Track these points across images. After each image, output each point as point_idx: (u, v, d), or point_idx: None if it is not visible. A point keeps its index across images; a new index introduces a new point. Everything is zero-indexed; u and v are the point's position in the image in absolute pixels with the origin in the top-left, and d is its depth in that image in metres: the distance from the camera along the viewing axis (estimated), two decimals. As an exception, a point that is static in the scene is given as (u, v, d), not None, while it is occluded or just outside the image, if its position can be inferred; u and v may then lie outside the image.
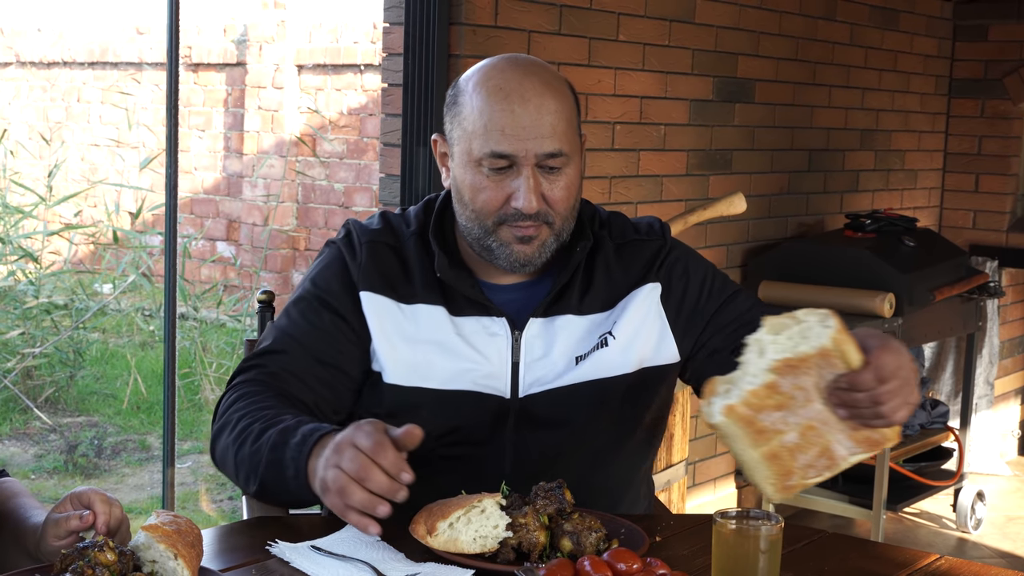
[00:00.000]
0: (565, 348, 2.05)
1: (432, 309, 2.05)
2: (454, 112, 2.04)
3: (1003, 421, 6.22)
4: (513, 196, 1.98)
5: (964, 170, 6.07)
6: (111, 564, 1.53)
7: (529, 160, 1.97)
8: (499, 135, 1.97)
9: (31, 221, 7.53)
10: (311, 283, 2.11)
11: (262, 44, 8.21)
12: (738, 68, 4.65)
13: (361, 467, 1.70)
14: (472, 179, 2.01)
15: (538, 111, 1.97)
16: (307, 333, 2.06)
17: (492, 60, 2.06)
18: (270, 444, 1.87)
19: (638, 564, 1.61)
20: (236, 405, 1.99)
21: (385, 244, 2.10)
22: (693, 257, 2.21)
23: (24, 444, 5.98)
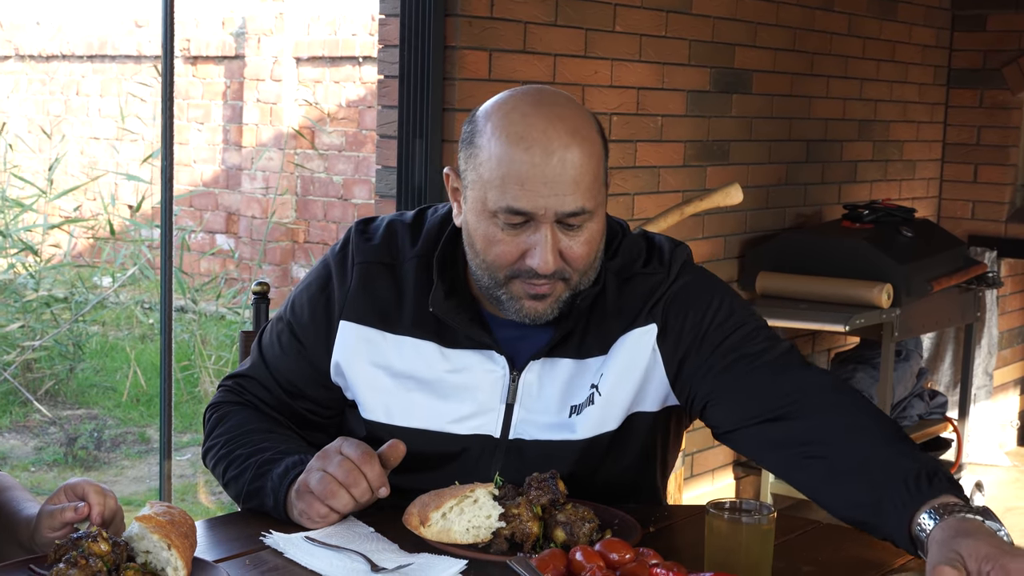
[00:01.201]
0: (561, 395, 1.94)
1: (420, 344, 1.94)
2: (470, 152, 1.87)
3: (1002, 411, 6.22)
4: (529, 253, 1.84)
5: (963, 160, 6.07)
6: (105, 554, 1.54)
7: (548, 218, 1.82)
8: (517, 190, 1.80)
9: (31, 214, 7.53)
10: (291, 304, 2.07)
11: (260, 37, 8.20)
12: (735, 59, 4.65)
13: (350, 474, 1.77)
14: (486, 230, 1.86)
15: (562, 165, 1.81)
16: (277, 358, 2.06)
17: (515, 97, 1.89)
18: (252, 474, 1.92)
19: (630, 554, 1.61)
20: (220, 427, 2.03)
21: (381, 264, 1.98)
22: (700, 289, 1.98)
23: (24, 437, 5.99)
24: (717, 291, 2.00)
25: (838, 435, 1.82)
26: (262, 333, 2.13)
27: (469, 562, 1.70)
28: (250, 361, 2.11)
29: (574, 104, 1.90)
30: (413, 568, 1.69)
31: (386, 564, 1.70)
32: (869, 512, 1.75)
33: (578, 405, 1.95)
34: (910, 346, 5.06)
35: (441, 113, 3.59)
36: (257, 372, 2.08)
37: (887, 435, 1.81)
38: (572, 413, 1.95)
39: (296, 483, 1.84)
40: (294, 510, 1.84)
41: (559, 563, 1.59)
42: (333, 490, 1.79)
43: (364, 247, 2.01)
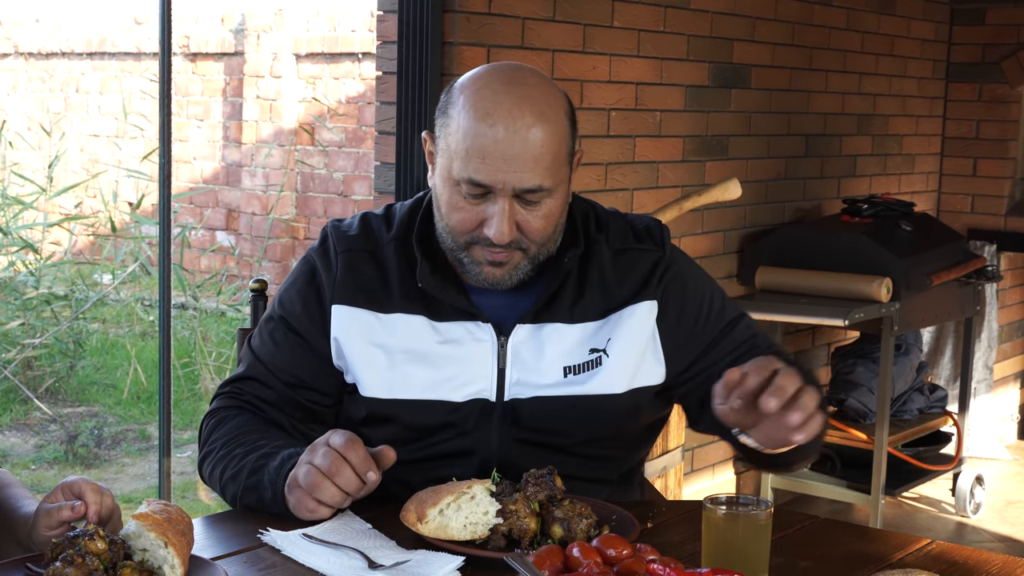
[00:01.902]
0: (554, 357, 2.01)
1: (411, 319, 2.01)
2: (443, 121, 1.97)
3: (1002, 405, 6.23)
4: (487, 223, 1.93)
5: (962, 154, 6.07)
6: (101, 553, 1.54)
7: (507, 192, 1.91)
8: (479, 162, 1.90)
9: (31, 212, 7.53)
10: (278, 302, 2.11)
11: (260, 33, 8.20)
12: (734, 53, 4.65)
13: (332, 463, 1.78)
14: (449, 196, 1.96)
15: (523, 143, 1.89)
16: (275, 356, 2.07)
17: (489, 73, 1.97)
18: (249, 469, 1.92)
19: (628, 550, 1.61)
20: (217, 432, 2.03)
21: (363, 251, 2.06)
22: (692, 273, 2.15)
23: (24, 435, 5.99)
24: (706, 280, 2.16)
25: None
26: (250, 339, 2.14)
27: (466, 558, 1.70)
28: (244, 364, 2.12)
29: (545, 84, 1.97)
30: (410, 565, 1.69)
31: (383, 561, 1.70)
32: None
33: (576, 366, 2.02)
34: (910, 340, 5.06)
35: (439, 109, 3.58)
36: (254, 372, 2.09)
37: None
38: (568, 373, 2.02)
39: (289, 477, 1.85)
40: (288, 504, 1.85)
41: (556, 559, 1.59)
42: (318, 482, 1.80)
43: (344, 238, 2.08)
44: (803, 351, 5.28)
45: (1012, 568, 1.79)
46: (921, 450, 5.04)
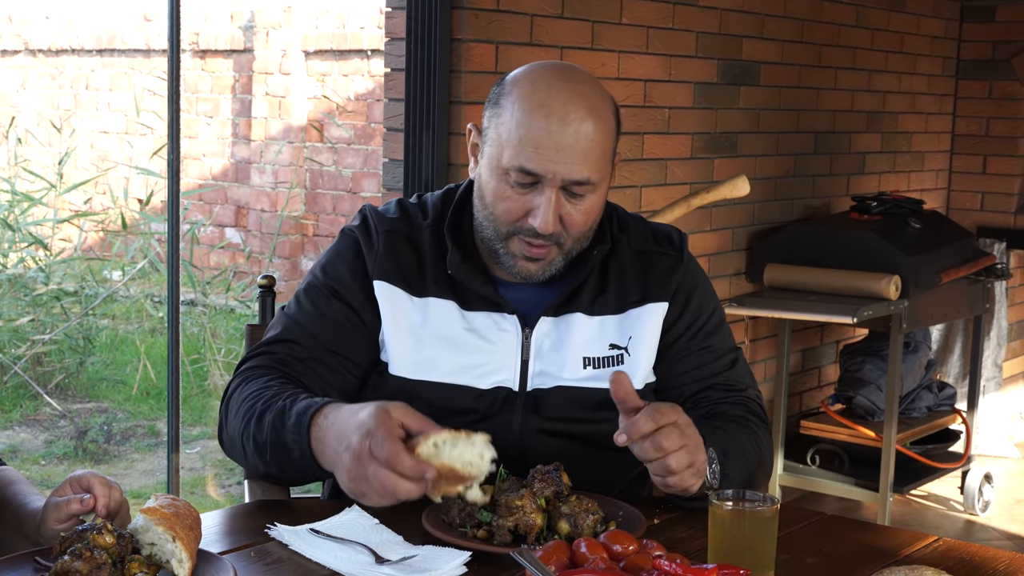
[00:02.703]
0: (574, 347, 2.07)
1: (442, 303, 2.06)
2: (494, 112, 2.02)
3: (1011, 403, 6.22)
4: (532, 213, 1.98)
5: (972, 152, 6.06)
6: (110, 547, 1.54)
7: (555, 182, 1.96)
8: (531, 151, 1.95)
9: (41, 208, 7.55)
10: (321, 271, 2.12)
11: (269, 30, 8.21)
12: (743, 50, 4.65)
13: (386, 486, 1.68)
14: (496, 185, 2.00)
15: (575, 136, 1.95)
16: (316, 321, 2.07)
17: (544, 68, 2.04)
18: (271, 427, 1.89)
19: (634, 546, 1.61)
20: (240, 390, 2.01)
21: (401, 234, 2.10)
22: (701, 287, 2.20)
23: (34, 430, 6.00)
24: (709, 297, 2.21)
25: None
26: (283, 308, 2.13)
27: (473, 554, 1.70)
28: (278, 328, 2.09)
29: (597, 84, 2.04)
30: (417, 560, 1.69)
31: (390, 556, 1.71)
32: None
33: (596, 359, 2.08)
34: (919, 338, 5.06)
35: (448, 106, 3.59)
36: (291, 334, 2.07)
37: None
38: (588, 365, 2.07)
39: (335, 466, 1.78)
40: (336, 456, 1.77)
41: (563, 555, 1.59)
42: (364, 492, 1.72)
43: (384, 219, 2.12)
44: (812, 349, 5.28)
45: (1019, 565, 1.79)
46: (930, 448, 5.03)
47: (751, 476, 2.00)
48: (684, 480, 1.82)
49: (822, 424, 4.91)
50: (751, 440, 2.05)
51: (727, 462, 1.93)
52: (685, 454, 1.80)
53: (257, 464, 1.95)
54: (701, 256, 4.55)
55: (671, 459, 1.79)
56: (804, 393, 5.28)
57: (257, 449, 1.92)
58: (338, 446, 1.77)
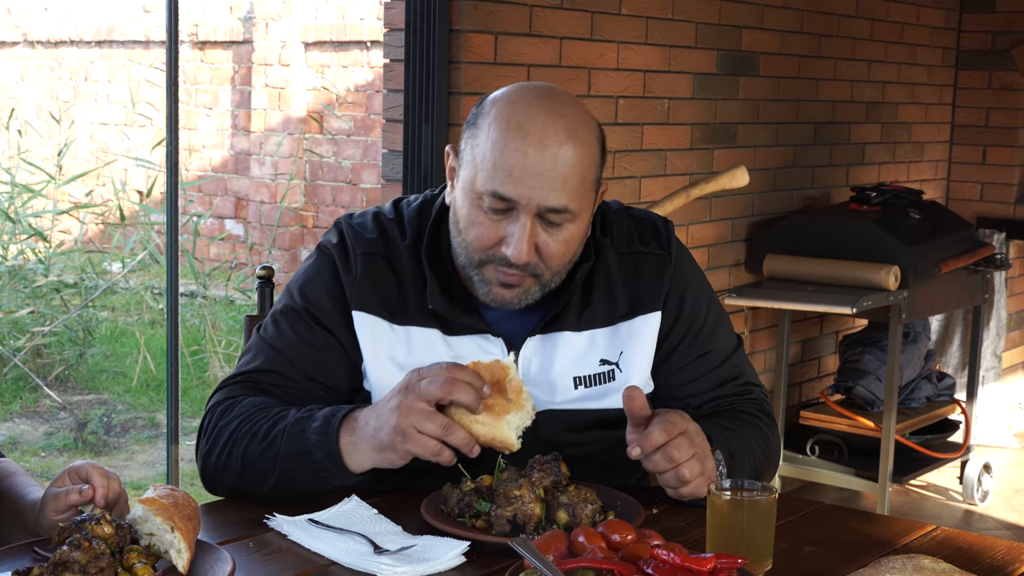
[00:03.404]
0: (563, 367, 2.00)
1: (425, 332, 1.98)
2: (471, 133, 1.93)
3: (1010, 393, 6.22)
4: (505, 241, 1.88)
5: (971, 142, 6.05)
6: (108, 537, 1.54)
7: (531, 209, 1.86)
8: (505, 175, 1.85)
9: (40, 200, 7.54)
10: (300, 295, 2.02)
11: (268, 21, 8.20)
12: (742, 41, 4.64)
13: (433, 454, 1.76)
14: (469, 210, 1.91)
15: (553, 160, 1.85)
16: (297, 348, 1.99)
17: (524, 88, 1.94)
18: (286, 436, 1.85)
19: (632, 535, 1.61)
20: (226, 419, 1.93)
21: (380, 257, 2.01)
22: (694, 286, 2.11)
23: (34, 422, 6.01)
24: (702, 295, 2.12)
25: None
26: (260, 330, 2.06)
27: (471, 543, 1.70)
28: (259, 357, 2.01)
29: (580, 106, 1.94)
30: (416, 550, 1.70)
31: (389, 546, 1.71)
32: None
33: (587, 378, 2.01)
34: (918, 328, 5.06)
35: (447, 97, 3.59)
36: (273, 364, 2.00)
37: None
38: (579, 384, 2.01)
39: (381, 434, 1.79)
40: (382, 431, 1.79)
41: (561, 544, 1.59)
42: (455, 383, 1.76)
43: (361, 239, 2.02)
44: (811, 339, 5.28)
45: (1017, 554, 1.79)
46: (929, 438, 5.03)
47: (758, 475, 1.99)
48: (698, 488, 1.81)
49: (821, 414, 4.91)
50: (758, 439, 2.03)
51: (734, 464, 1.92)
52: (696, 462, 1.80)
53: (261, 481, 1.88)
54: (700, 247, 4.55)
55: (684, 469, 1.79)
56: (803, 383, 5.28)
57: (264, 461, 1.86)
58: (380, 437, 1.78)
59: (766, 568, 1.68)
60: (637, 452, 1.78)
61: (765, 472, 2.04)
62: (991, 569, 1.73)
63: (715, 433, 1.91)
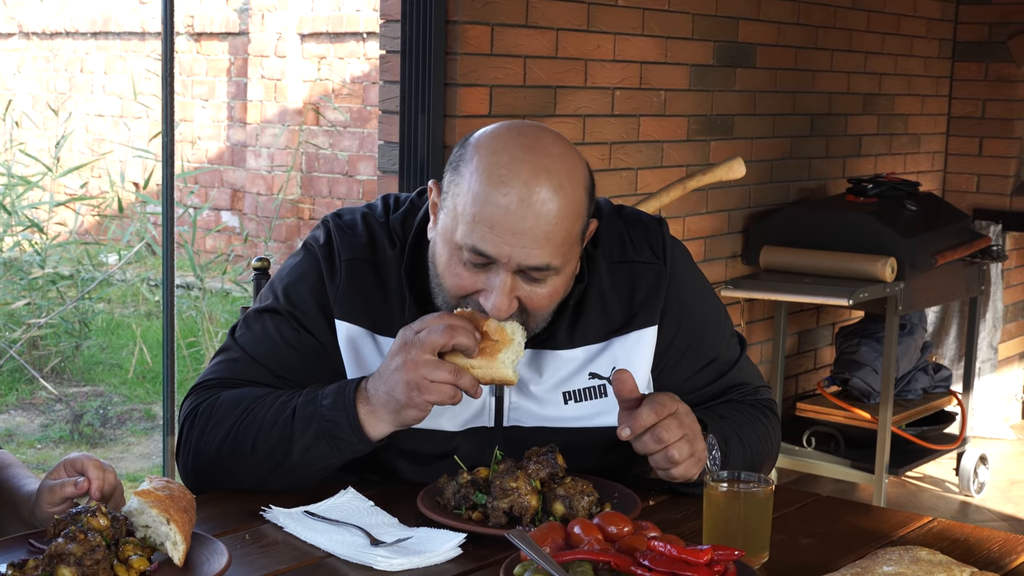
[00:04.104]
0: (553, 384, 1.95)
1: None
2: (453, 178, 1.84)
3: (1007, 385, 6.22)
4: (484, 294, 1.81)
5: (968, 134, 6.05)
6: (104, 529, 1.54)
7: (510, 267, 1.79)
8: (486, 231, 1.77)
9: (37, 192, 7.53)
10: (285, 296, 1.96)
11: (264, 13, 8.19)
12: (739, 32, 4.63)
13: (449, 398, 1.77)
14: (448, 259, 1.83)
15: (536, 219, 1.76)
16: (279, 349, 1.95)
17: (509, 135, 1.83)
18: (298, 419, 1.82)
19: (629, 527, 1.61)
20: (215, 419, 1.89)
21: (367, 263, 1.95)
22: (691, 290, 2.05)
23: (30, 414, 6.00)
24: (702, 303, 2.06)
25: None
26: (235, 332, 2.00)
27: (467, 535, 1.70)
28: (228, 363, 1.97)
29: (568, 154, 1.84)
30: (412, 542, 1.70)
31: (385, 538, 1.71)
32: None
33: (576, 392, 1.96)
34: (914, 320, 5.06)
35: (443, 88, 3.58)
36: (245, 372, 1.95)
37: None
38: (569, 400, 1.96)
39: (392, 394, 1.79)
40: (395, 391, 1.78)
41: (557, 536, 1.59)
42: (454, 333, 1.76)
43: (348, 243, 1.96)
44: (808, 331, 5.28)
45: (1013, 546, 1.79)
46: (925, 430, 5.04)
47: (755, 464, 1.97)
48: (688, 470, 1.80)
49: (818, 406, 4.92)
50: (756, 428, 2.01)
51: (728, 450, 1.91)
52: (685, 443, 1.79)
53: (269, 473, 1.85)
54: (697, 238, 4.55)
55: (673, 450, 1.77)
56: (800, 375, 5.28)
57: (274, 448, 1.83)
58: (385, 374, 1.79)
59: (763, 560, 1.68)
60: (627, 433, 1.78)
61: (763, 466, 2.03)
62: (987, 561, 1.73)
63: (710, 420, 1.91)
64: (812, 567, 1.65)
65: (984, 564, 1.70)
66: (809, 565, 1.67)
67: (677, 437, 1.78)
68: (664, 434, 1.77)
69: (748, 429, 2.00)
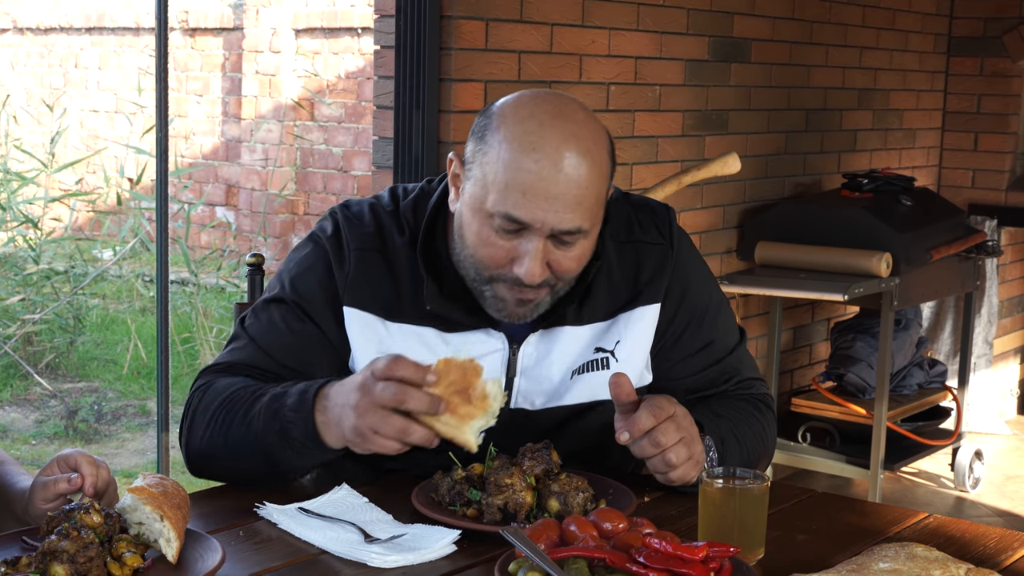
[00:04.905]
0: (563, 362, 1.98)
1: (420, 331, 1.94)
2: (479, 147, 1.86)
3: (1002, 380, 6.23)
4: (518, 261, 1.84)
5: (963, 129, 6.05)
6: (97, 526, 1.54)
7: (544, 231, 1.82)
8: (519, 198, 1.80)
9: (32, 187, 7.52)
10: (291, 286, 1.98)
11: (258, 8, 8.17)
12: (734, 27, 4.63)
13: (401, 429, 1.68)
14: (479, 229, 1.85)
15: (567, 183, 1.80)
16: (284, 340, 1.95)
17: (536, 102, 1.86)
18: (263, 415, 1.82)
19: (624, 524, 1.61)
20: (205, 401, 1.91)
21: (376, 252, 1.96)
22: (695, 276, 2.08)
23: (25, 410, 5.99)
24: (704, 286, 2.09)
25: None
26: (244, 321, 2.02)
27: (462, 532, 1.70)
28: (239, 351, 1.98)
29: (592, 120, 1.88)
30: (406, 538, 1.69)
31: (379, 535, 1.70)
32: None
33: (582, 366, 1.99)
34: (909, 315, 5.06)
35: (438, 83, 3.57)
36: (253, 358, 1.96)
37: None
38: (574, 375, 1.99)
39: (339, 415, 1.74)
40: (343, 422, 1.74)
41: (552, 533, 1.58)
42: (387, 417, 1.69)
43: (357, 233, 1.97)
44: (803, 326, 5.28)
45: (1009, 542, 1.79)
46: (920, 425, 5.04)
47: (751, 462, 1.97)
48: (686, 473, 1.80)
49: (813, 402, 4.91)
50: (753, 429, 2.01)
51: (725, 449, 1.91)
52: (683, 447, 1.79)
53: (246, 463, 1.86)
54: (692, 234, 4.52)
55: (671, 454, 1.78)
56: (795, 371, 5.28)
57: (246, 442, 1.83)
58: (342, 400, 1.73)
59: (758, 556, 1.67)
60: (625, 437, 1.77)
61: (759, 463, 2.03)
62: (983, 557, 1.72)
63: (707, 420, 1.91)
64: (808, 564, 1.65)
65: (980, 560, 1.70)
66: (805, 562, 1.66)
67: (675, 441, 1.78)
68: (661, 438, 1.77)
69: (745, 427, 2.00)
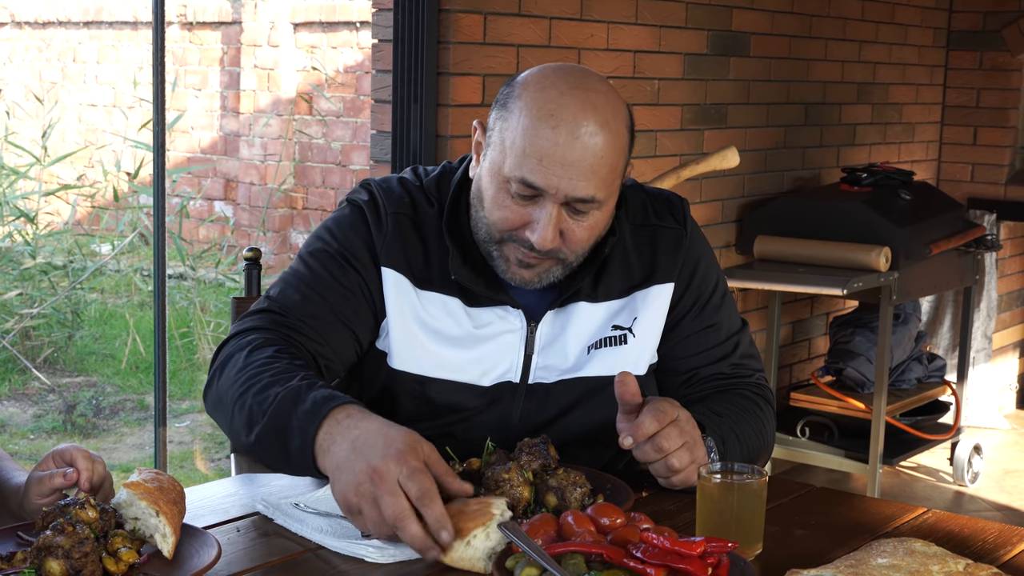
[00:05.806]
0: (578, 338, 2.02)
1: (448, 300, 1.99)
2: (501, 115, 1.92)
3: (1001, 375, 6.22)
4: (530, 226, 1.89)
5: (962, 123, 6.04)
6: (92, 521, 1.53)
7: (558, 198, 1.86)
8: (535, 163, 1.85)
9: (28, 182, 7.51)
10: (332, 238, 2.01)
11: (257, 2, 8.16)
12: (733, 21, 4.62)
13: (400, 515, 1.57)
14: (495, 192, 1.90)
15: (584, 151, 1.84)
16: (328, 286, 1.97)
17: (557, 73, 1.92)
18: (276, 404, 1.75)
19: (621, 519, 1.60)
20: (244, 354, 1.87)
21: (410, 219, 2.01)
22: (705, 261, 2.13)
23: (23, 404, 5.99)
24: (712, 271, 2.14)
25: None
26: (285, 274, 2.02)
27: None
28: (291, 292, 1.98)
29: (612, 93, 1.93)
30: (403, 534, 1.68)
31: (376, 530, 1.69)
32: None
33: (598, 342, 2.03)
34: (908, 309, 5.05)
35: (436, 77, 3.57)
36: (299, 296, 1.96)
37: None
38: (591, 350, 2.02)
39: (336, 462, 1.65)
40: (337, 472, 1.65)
41: (550, 528, 1.58)
42: (377, 526, 1.60)
43: (392, 199, 2.03)
44: (802, 320, 5.27)
45: (1008, 537, 1.78)
46: (919, 419, 5.03)
47: (751, 458, 1.98)
48: (689, 477, 1.81)
49: (812, 396, 4.91)
50: (753, 426, 2.02)
51: (726, 449, 1.91)
52: (686, 452, 1.79)
53: (239, 434, 1.82)
54: (691, 228, 4.53)
55: (673, 459, 1.78)
56: (794, 365, 5.28)
57: (247, 419, 1.78)
58: (353, 453, 1.62)
59: (756, 551, 1.67)
60: (629, 442, 1.78)
61: (759, 459, 2.04)
62: (982, 552, 1.72)
63: (707, 420, 1.91)
64: (806, 559, 1.64)
65: (979, 555, 1.69)
66: (803, 557, 1.66)
67: (678, 445, 1.78)
68: (664, 443, 1.77)
69: (745, 424, 2.00)
